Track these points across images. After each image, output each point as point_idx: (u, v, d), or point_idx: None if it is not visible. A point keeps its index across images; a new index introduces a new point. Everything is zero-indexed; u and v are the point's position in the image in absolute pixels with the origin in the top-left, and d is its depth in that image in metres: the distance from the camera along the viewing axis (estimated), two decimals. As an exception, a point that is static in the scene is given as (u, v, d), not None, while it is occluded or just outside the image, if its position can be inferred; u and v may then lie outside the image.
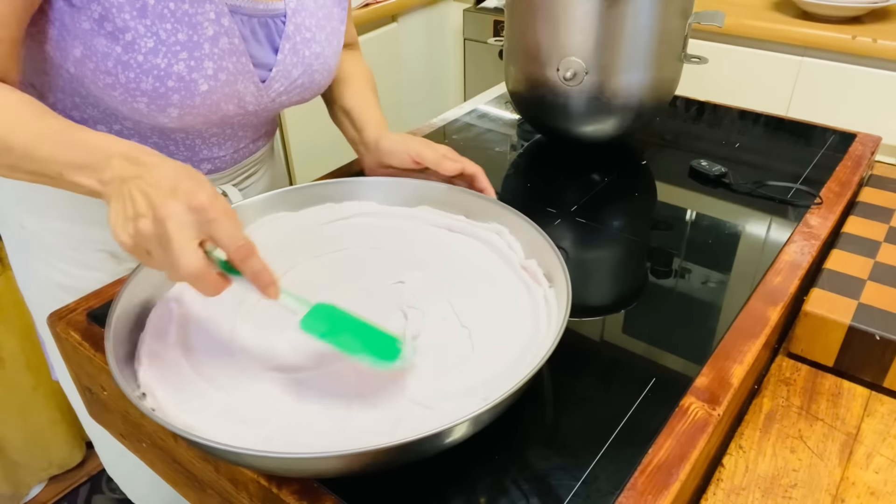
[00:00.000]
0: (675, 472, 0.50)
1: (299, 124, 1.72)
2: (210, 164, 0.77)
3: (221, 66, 0.65)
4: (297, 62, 0.72)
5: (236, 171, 0.82)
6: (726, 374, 0.59)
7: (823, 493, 0.55)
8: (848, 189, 0.85)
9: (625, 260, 0.77)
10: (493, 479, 0.50)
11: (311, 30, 0.72)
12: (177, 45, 0.62)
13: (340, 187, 0.74)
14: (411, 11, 1.99)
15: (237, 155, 0.79)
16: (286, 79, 0.72)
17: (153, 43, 0.60)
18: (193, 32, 0.62)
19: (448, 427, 0.43)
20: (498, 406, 0.45)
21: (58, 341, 0.68)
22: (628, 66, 0.87)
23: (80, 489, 1.49)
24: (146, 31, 0.60)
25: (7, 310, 1.29)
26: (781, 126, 1.05)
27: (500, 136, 1.05)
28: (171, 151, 0.73)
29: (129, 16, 0.59)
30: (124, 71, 0.61)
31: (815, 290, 0.68)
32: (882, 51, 1.45)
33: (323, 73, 0.76)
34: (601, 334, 0.66)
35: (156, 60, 0.61)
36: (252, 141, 0.81)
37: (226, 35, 0.64)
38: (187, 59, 0.62)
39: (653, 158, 0.98)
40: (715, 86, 1.44)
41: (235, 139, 0.77)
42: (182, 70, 0.62)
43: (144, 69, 0.61)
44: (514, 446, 0.53)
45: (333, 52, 0.77)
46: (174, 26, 0.61)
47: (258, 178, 0.87)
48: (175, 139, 0.72)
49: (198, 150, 0.75)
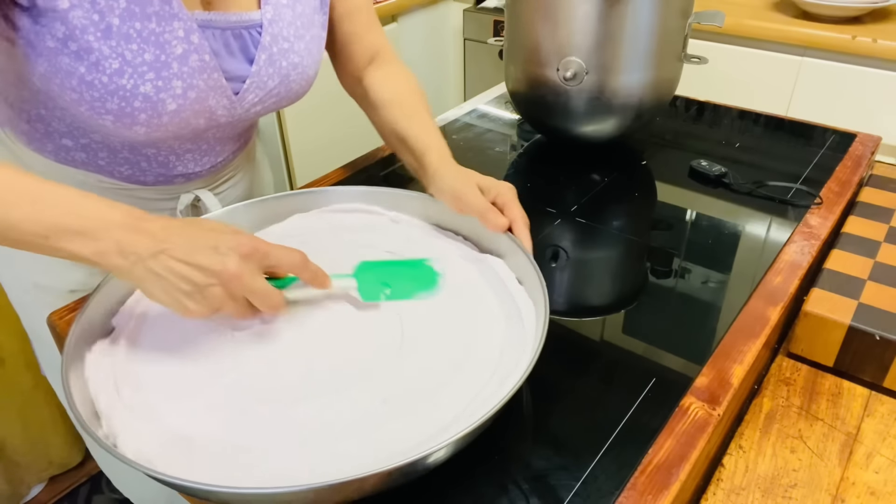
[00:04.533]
0: (675, 472, 0.50)
1: (299, 124, 1.72)
2: (184, 177, 0.75)
3: (191, 84, 0.63)
4: (273, 73, 0.69)
5: (212, 178, 0.79)
6: (726, 374, 0.59)
7: (823, 493, 0.55)
8: (848, 189, 0.85)
9: (625, 260, 0.77)
10: (493, 479, 0.50)
11: (289, 39, 0.70)
12: (143, 66, 0.60)
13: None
14: (411, 11, 1.98)
15: (213, 168, 0.77)
16: (261, 89, 0.70)
17: (118, 64, 0.59)
18: (161, 52, 0.60)
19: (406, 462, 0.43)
20: (472, 432, 0.45)
21: (58, 341, 0.68)
22: (628, 66, 0.87)
23: (80, 489, 1.48)
24: (111, 52, 0.58)
25: (7, 309, 1.29)
26: (781, 126, 1.05)
27: (500, 136, 1.05)
28: (142, 167, 0.71)
29: (92, 37, 0.57)
30: (88, 90, 0.59)
31: (815, 290, 0.68)
32: (882, 51, 1.45)
33: (300, 83, 0.73)
34: (601, 334, 0.66)
35: (121, 81, 0.59)
36: (231, 151, 0.79)
37: (195, 52, 0.62)
38: (154, 79, 0.60)
39: (653, 158, 0.98)
40: (715, 86, 1.44)
41: (212, 154, 0.75)
42: (149, 90, 0.61)
43: (109, 90, 0.59)
44: (514, 446, 0.53)
45: (313, 60, 0.74)
46: (140, 46, 0.59)
47: (235, 182, 0.84)
48: (146, 154, 0.70)
49: (171, 166, 0.73)
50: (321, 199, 0.75)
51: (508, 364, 0.54)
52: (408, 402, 0.51)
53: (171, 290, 0.50)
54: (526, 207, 0.67)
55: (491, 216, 0.65)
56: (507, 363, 0.54)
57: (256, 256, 0.51)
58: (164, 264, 0.49)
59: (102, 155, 0.69)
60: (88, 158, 0.69)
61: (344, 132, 1.64)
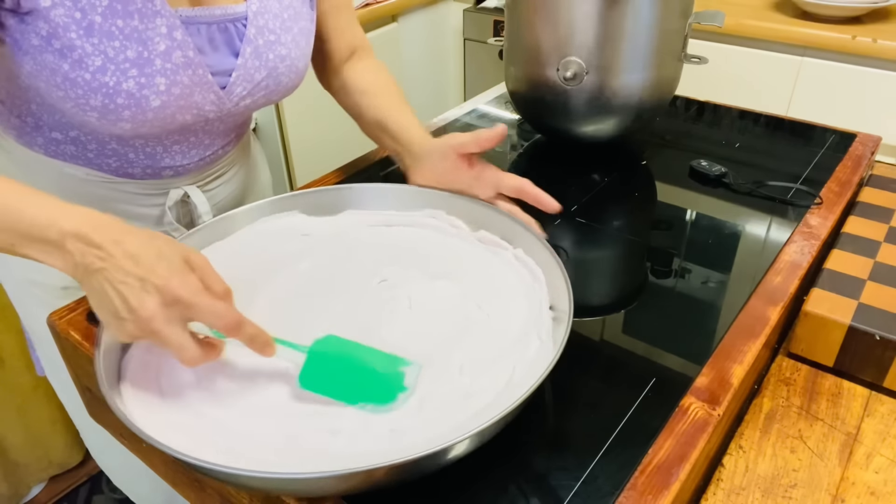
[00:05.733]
0: (675, 472, 0.50)
1: (299, 124, 1.72)
2: (172, 170, 0.75)
3: (175, 81, 0.63)
4: (260, 65, 0.69)
5: (202, 174, 0.79)
6: (726, 374, 0.59)
7: (823, 493, 0.55)
8: (848, 189, 0.85)
9: (625, 260, 0.77)
10: (493, 479, 0.50)
11: (276, 32, 0.70)
12: (126, 63, 0.60)
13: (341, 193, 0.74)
14: (411, 11, 1.98)
15: (202, 162, 0.77)
16: (248, 83, 0.70)
17: (101, 61, 0.59)
18: (144, 49, 0.60)
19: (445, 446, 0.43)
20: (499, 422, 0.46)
21: (58, 341, 0.68)
22: (628, 66, 0.87)
23: (80, 489, 1.48)
24: (93, 49, 0.58)
25: (7, 309, 1.29)
26: (781, 126, 1.04)
27: (500, 136, 1.05)
28: (130, 159, 0.71)
29: (75, 35, 0.57)
30: (73, 88, 0.60)
31: (815, 290, 0.68)
32: (882, 51, 1.45)
33: (289, 76, 0.73)
34: (601, 334, 0.66)
35: (104, 79, 0.60)
36: (220, 146, 0.78)
37: (179, 49, 0.62)
38: (137, 76, 0.61)
39: (653, 158, 0.97)
40: (715, 86, 1.44)
41: (201, 147, 0.75)
42: (132, 87, 0.61)
43: (93, 87, 0.60)
44: (514, 446, 0.53)
45: (302, 53, 0.74)
46: (123, 44, 0.59)
47: (228, 178, 0.83)
48: (134, 145, 0.70)
49: (159, 157, 0.72)
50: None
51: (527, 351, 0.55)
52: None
53: (103, 310, 0.48)
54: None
55: (484, 133, 0.68)
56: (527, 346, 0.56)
57: (178, 308, 0.47)
58: (100, 283, 0.48)
59: (91, 147, 0.69)
60: (78, 151, 0.69)
61: (344, 132, 1.64)
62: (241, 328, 0.49)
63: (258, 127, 1.72)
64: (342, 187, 0.74)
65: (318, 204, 0.73)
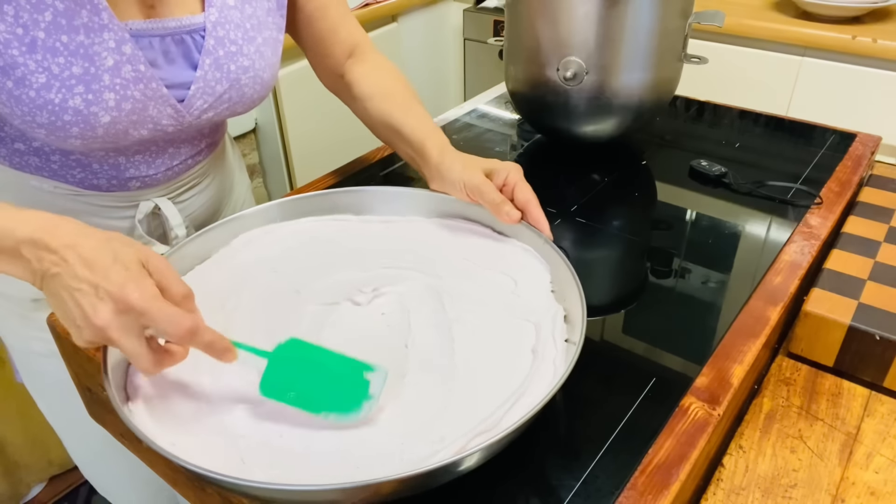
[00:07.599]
0: (675, 472, 0.50)
1: (299, 124, 1.72)
2: (139, 181, 0.72)
3: (125, 96, 0.61)
4: (221, 77, 0.67)
5: (172, 185, 0.76)
6: (726, 374, 0.59)
7: (823, 493, 0.55)
8: (848, 189, 0.85)
9: (625, 260, 0.77)
10: (492, 480, 0.50)
11: (238, 42, 0.67)
12: (72, 80, 0.58)
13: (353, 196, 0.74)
14: (411, 11, 1.98)
15: (170, 172, 0.74)
16: (209, 95, 0.67)
17: (45, 78, 0.57)
18: (90, 65, 0.58)
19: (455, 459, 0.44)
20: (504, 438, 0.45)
21: (58, 341, 0.68)
22: (628, 66, 0.87)
23: (80, 489, 1.49)
24: (37, 66, 0.56)
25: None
26: (781, 126, 1.05)
27: (500, 136, 1.05)
28: (94, 170, 0.69)
29: (17, 51, 0.56)
30: (17, 105, 0.58)
31: (815, 290, 0.68)
32: (882, 51, 1.45)
33: (254, 87, 0.71)
34: (601, 334, 0.66)
35: (49, 96, 0.58)
36: (189, 156, 0.75)
37: (129, 63, 0.60)
38: (84, 92, 0.59)
39: (653, 158, 0.98)
40: (715, 86, 1.44)
41: (166, 156, 0.72)
42: (79, 104, 0.59)
43: (38, 104, 0.58)
44: (513, 446, 0.53)
45: (267, 64, 0.71)
46: (68, 60, 0.57)
47: (200, 189, 0.80)
48: (97, 156, 0.68)
49: (123, 168, 0.70)
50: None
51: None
52: None
53: (63, 315, 0.47)
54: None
55: (505, 209, 0.65)
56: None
57: (132, 316, 0.45)
58: (57, 290, 0.46)
59: (55, 158, 0.68)
60: (42, 163, 0.68)
61: (344, 132, 1.64)
62: (196, 335, 0.47)
63: (258, 127, 1.72)
64: (365, 189, 0.74)
65: (332, 206, 0.73)
